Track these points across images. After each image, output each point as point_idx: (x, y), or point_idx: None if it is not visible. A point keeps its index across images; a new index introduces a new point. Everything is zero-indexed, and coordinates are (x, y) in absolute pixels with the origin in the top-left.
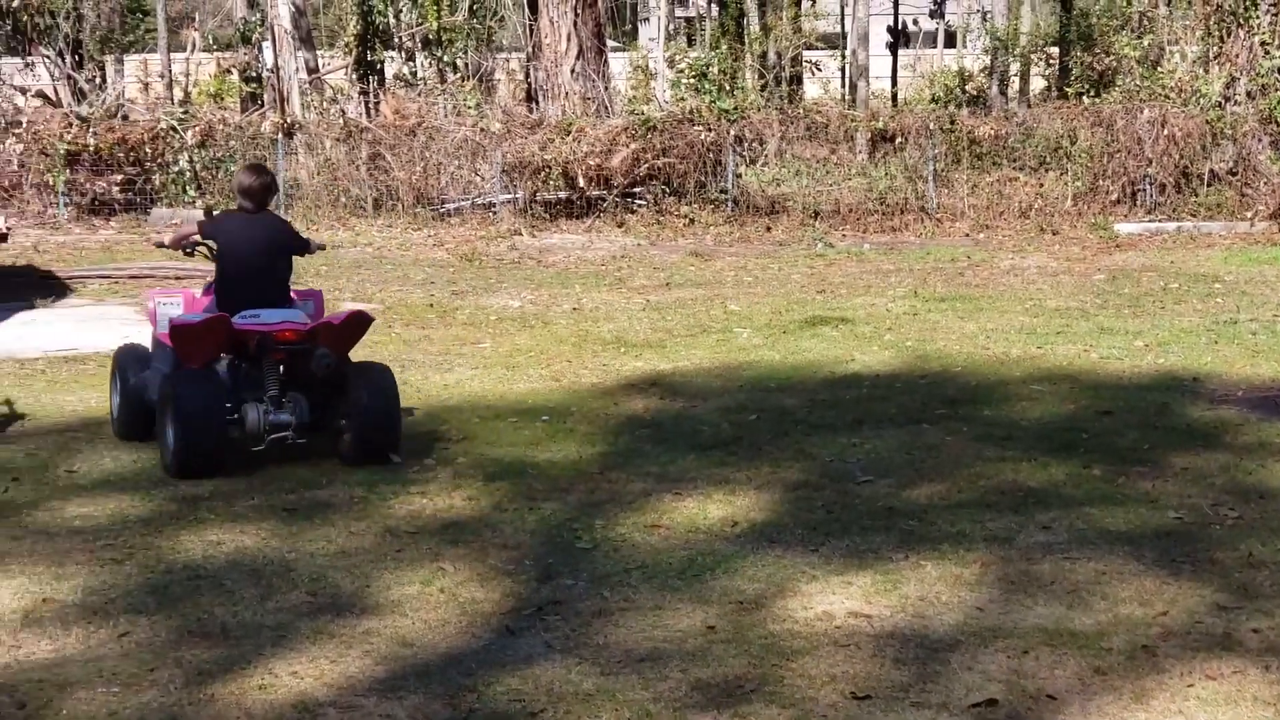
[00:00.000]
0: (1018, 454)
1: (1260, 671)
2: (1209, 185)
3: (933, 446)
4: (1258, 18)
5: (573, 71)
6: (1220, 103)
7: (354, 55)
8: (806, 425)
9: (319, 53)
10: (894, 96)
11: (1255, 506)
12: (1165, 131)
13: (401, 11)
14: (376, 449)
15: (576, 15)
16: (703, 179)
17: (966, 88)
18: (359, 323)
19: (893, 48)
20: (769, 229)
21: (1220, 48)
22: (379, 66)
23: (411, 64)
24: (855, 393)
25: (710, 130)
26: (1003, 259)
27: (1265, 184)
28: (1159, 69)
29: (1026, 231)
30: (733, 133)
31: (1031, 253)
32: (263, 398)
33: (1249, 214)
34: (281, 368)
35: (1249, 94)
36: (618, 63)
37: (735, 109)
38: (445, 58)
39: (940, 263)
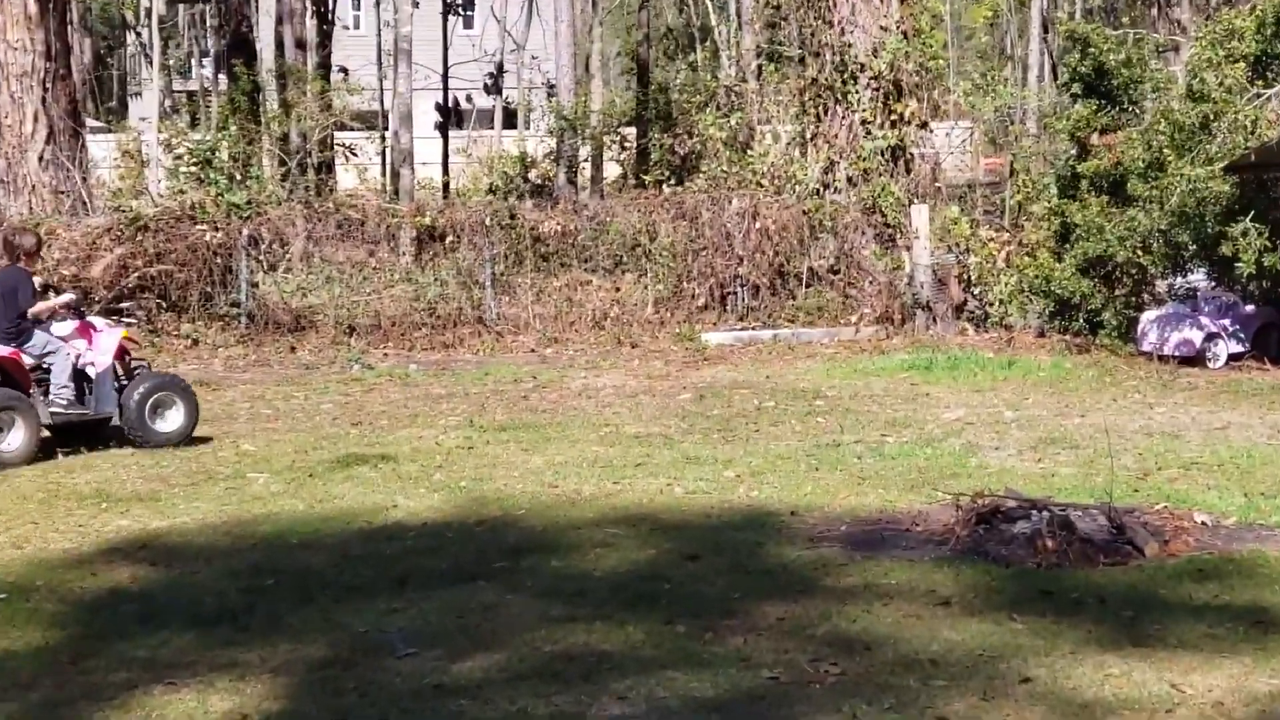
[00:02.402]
0: (590, 612)
1: None
2: (808, 286)
3: (490, 608)
4: (857, 93)
5: (41, 159)
6: (819, 190)
7: None
8: (337, 589)
9: None
10: (445, 186)
11: (860, 660)
12: (758, 224)
13: None
14: None
15: (45, 90)
16: (209, 290)
17: (530, 175)
18: None
19: (442, 128)
20: (293, 349)
21: (817, 127)
22: None
23: None
24: (397, 546)
25: (218, 229)
26: (574, 378)
27: (870, 283)
28: (749, 152)
29: (602, 344)
30: (246, 232)
31: (607, 370)
32: None
33: (853, 318)
34: None
35: (850, 180)
36: (100, 147)
37: (249, 203)
38: None
39: (501, 384)
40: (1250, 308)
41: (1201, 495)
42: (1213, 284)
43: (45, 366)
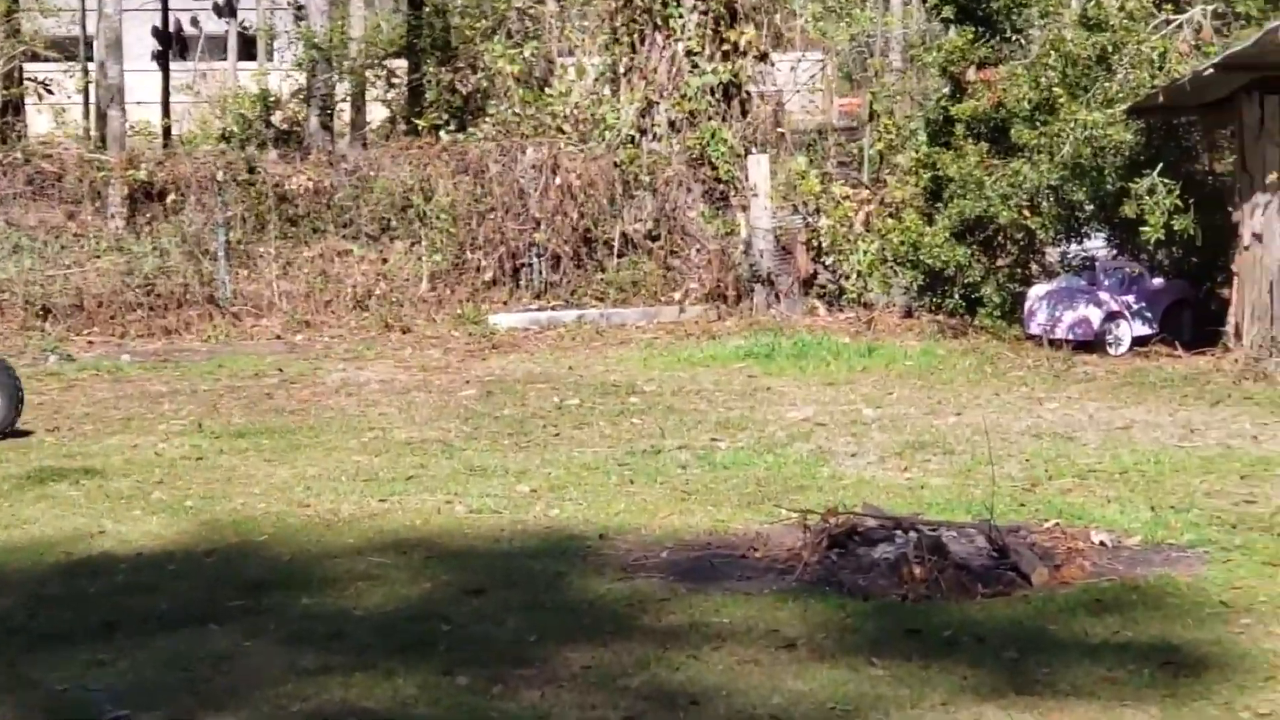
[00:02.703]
0: (349, 661)
1: None
2: (621, 256)
3: (224, 658)
4: (680, 17)
5: None
6: (634, 137)
7: None
8: (28, 637)
9: None
10: (166, 132)
11: (685, 717)
12: (558, 180)
13: None
14: None
15: None
16: None
17: (273, 119)
18: None
19: (162, 59)
20: None
21: (632, 59)
22: None
23: None
24: (106, 582)
25: None
26: (330, 371)
27: (698, 252)
28: (548, 90)
29: (365, 329)
30: None
31: (372, 360)
32: None
33: (677, 295)
34: None
35: (673, 124)
36: None
37: None
38: None
39: (239, 379)
40: (1158, 281)
41: (1100, 510)
42: (1114, 252)
43: None
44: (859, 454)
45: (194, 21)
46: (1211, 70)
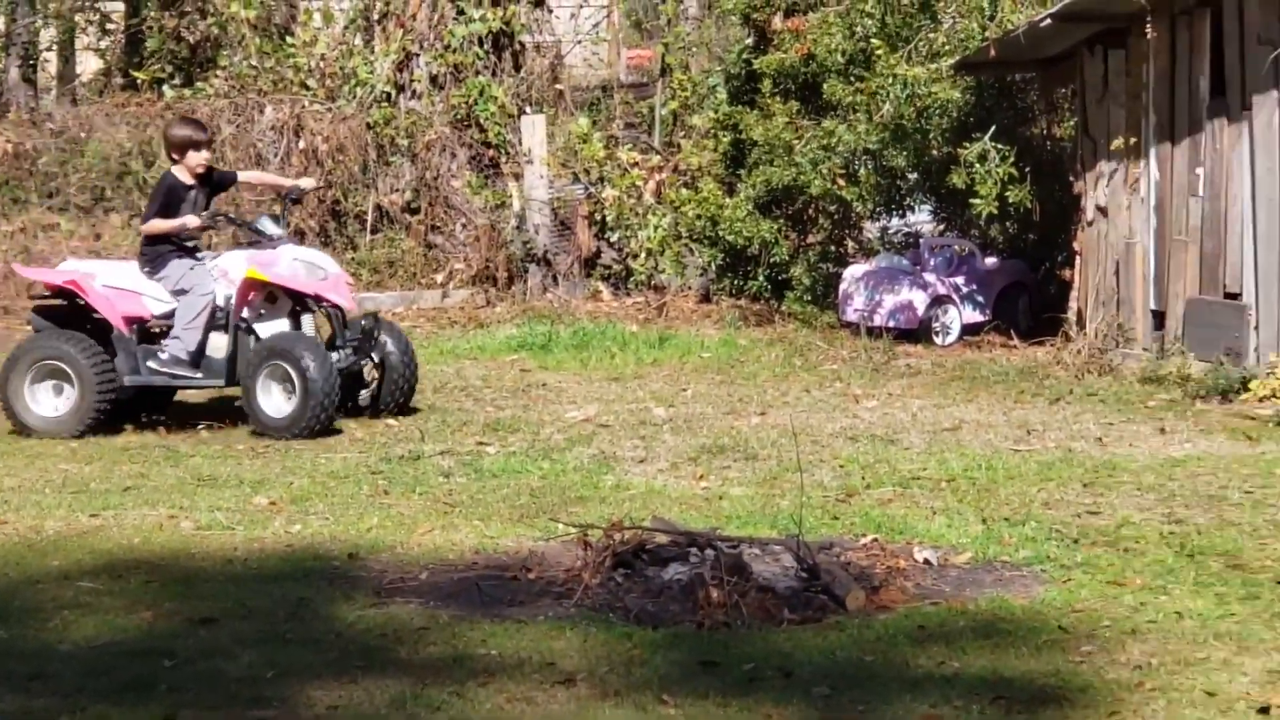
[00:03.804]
0: (53, 704)
1: None
2: (375, 231)
3: None
4: None
5: None
6: (390, 95)
7: None
8: None
9: None
10: None
11: None
12: (301, 143)
13: None
14: None
15: None
16: None
17: None
18: None
19: None
20: None
21: (388, 5)
22: None
23: None
24: None
25: None
26: None
27: (464, 227)
28: (289, 40)
29: None
30: None
31: None
32: None
33: (439, 277)
34: None
35: (435, 80)
36: None
37: None
38: None
39: None
40: (991, 261)
41: (925, 523)
42: (941, 228)
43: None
44: (648, 460)
45: None
46: (1049, 21)
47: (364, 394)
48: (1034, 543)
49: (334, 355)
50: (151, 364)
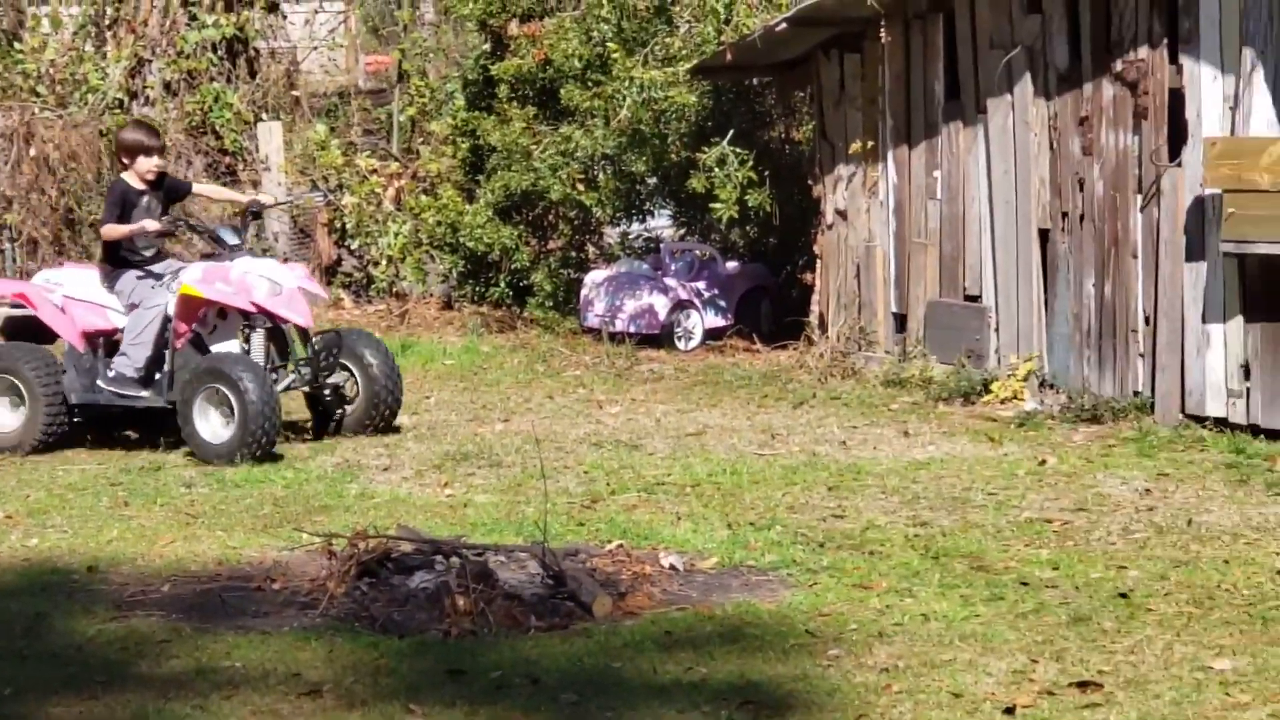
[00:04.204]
0: None
1: None
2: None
3: None
4: None
5: None
6: (122, 101)
7: None
8: None
9: None
10: None
11: None
12: (32, 151)
13: None
14: None
15: None
16: None
17: None
18: None
19: None
20: None
21: (119, 9)
22: None
23: None
24: None
25: None
26: None
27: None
28: (17, 46)
29: None
30: None
31: None
32: None
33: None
34: None
35: (169, 86)
36: None
37: None
38: None
39: None
40: (732, 265)
41: (670, 529)
42: (681, 232)
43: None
44: (392, 468)
45: None
46: (785, 25)
47: (346, 409)
48: (780, 547)
49: (290, 376)
50: (99, 381)
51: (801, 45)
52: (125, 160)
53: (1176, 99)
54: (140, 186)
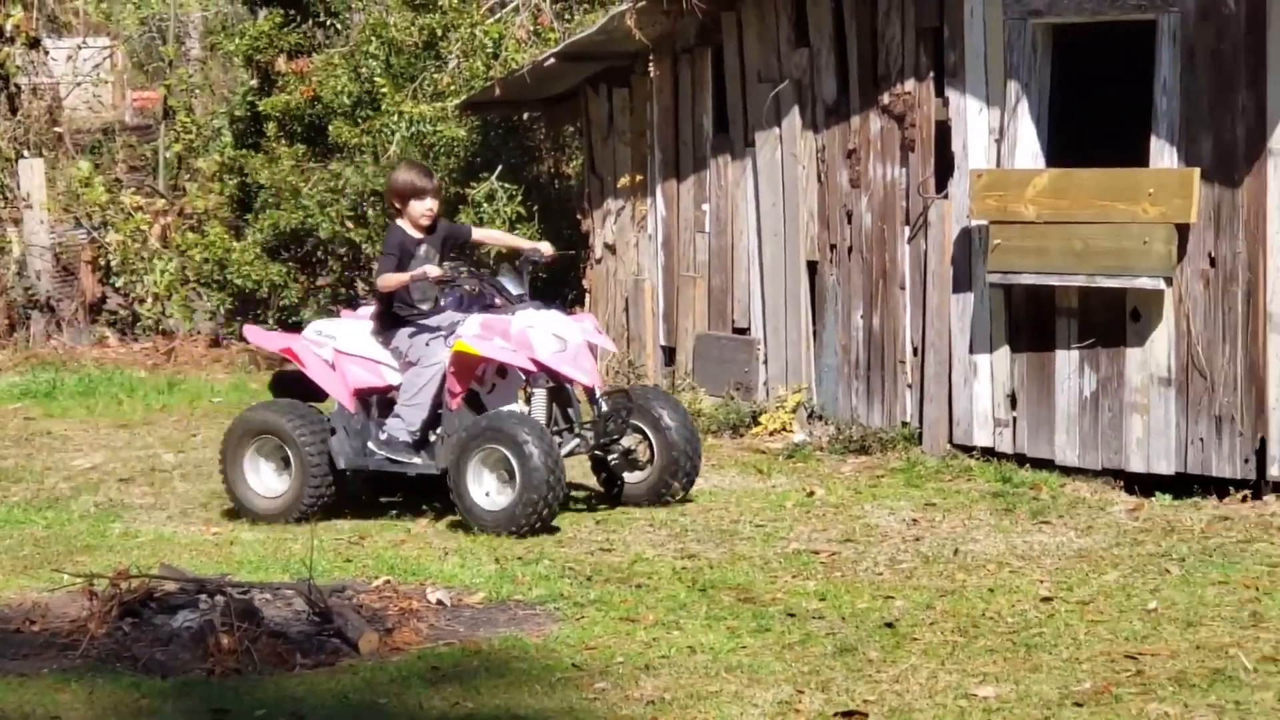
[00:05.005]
0: None
1: None
2: None
3: None
4: None
5: None
6: None
7: None
8: None
9: None
10: None
11: None
12: None
13: None
14: None
15: None
16: None
17: None
18: None
19: None
20: None
21: None
22: None
23: None
24: None
25: None
26: None
27: None
28: None
29: None
30: None
31: None
32: None
33: None
34: None
35: None
36: None
37: None
38: None
39: None
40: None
41: (438, 564)
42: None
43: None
44: (157, 506)
45: None
46: (553, 60)
47: (636, 475)
48: (547, 581)
49: (574, 439)
50: (370, 444)
51: (570, 80)
52: (397, 205)
53: (943, 131)
54: (417, 235)
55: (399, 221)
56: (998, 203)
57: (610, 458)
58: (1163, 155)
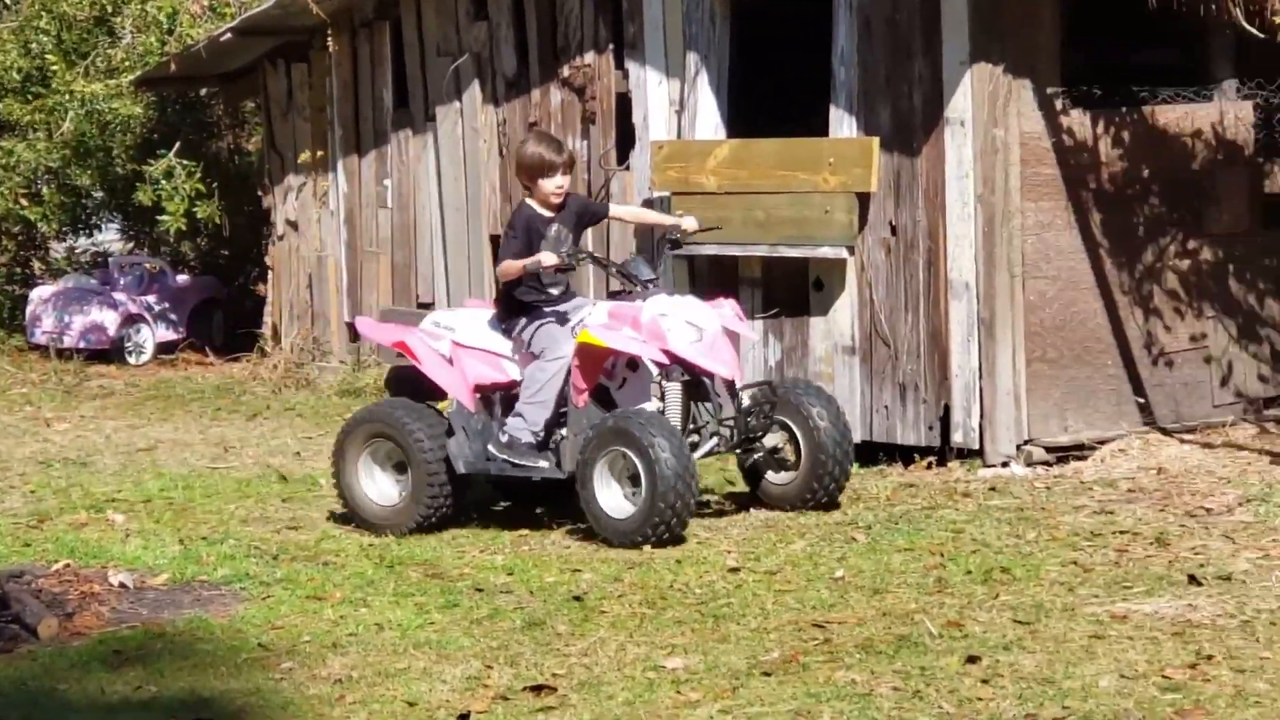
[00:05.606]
0: None
1: None
2: None
3: None
4: None
5: None
6: None
7: None
8: None
9: None
10: None
11: None
12: None
13: None
14: None
15: None
16: None
17: None
18: None
19: None
20: None
21: None
22: None
23: None
24: None
25: None
26: None
27: None
28: None
29: None
30: None
31: None
32: None
33: None
34: None
35: None
36: None
37: None
38: None
39: None
40: (183, 278)
41: (120, 546)
42: (131, 246)
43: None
44: None
45: None
46: (229, 35)
47: (781, 476)
48: (233, 560)
49: (712, 439)
50: (491, 447)
51: (248, 55)
52: (526, 183)
53: (624, 103)
54: (547, 214)
55: (528, 200)
56: (679, 174)
57: (753, 458)
58: (842, 125)
